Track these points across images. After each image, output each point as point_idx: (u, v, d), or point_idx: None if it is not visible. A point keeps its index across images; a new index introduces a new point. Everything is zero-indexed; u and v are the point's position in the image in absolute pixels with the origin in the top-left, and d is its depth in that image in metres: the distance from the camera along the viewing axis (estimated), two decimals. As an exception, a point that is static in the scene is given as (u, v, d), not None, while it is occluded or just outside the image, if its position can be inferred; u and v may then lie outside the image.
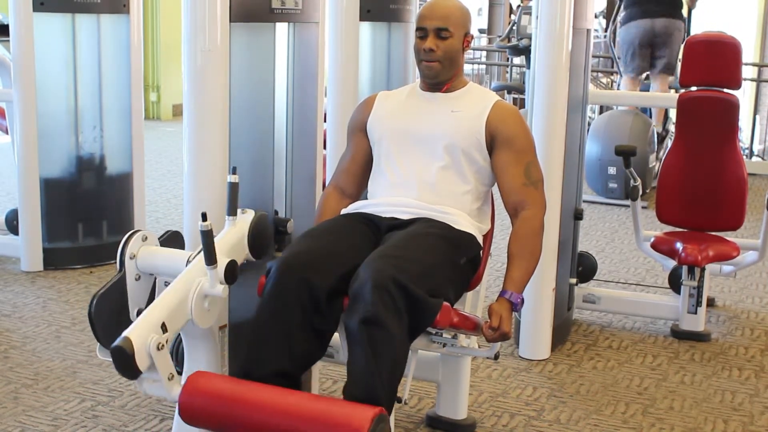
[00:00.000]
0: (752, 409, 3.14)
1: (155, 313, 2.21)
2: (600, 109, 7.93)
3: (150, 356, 2.14)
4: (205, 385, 2.19)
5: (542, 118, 3.38)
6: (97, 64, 4.53)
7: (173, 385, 2.20)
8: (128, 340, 2.12)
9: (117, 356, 2.12)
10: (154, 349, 2.14)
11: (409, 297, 2.19)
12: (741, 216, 3.91)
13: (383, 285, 2.17)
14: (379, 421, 2.00)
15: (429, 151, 2.59)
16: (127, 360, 2.11)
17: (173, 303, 2.25)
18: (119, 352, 2.12)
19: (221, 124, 2.60)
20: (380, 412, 2.02)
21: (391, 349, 2.16)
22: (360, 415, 2.00)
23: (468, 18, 2.63)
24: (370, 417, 1.99)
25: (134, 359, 2.11)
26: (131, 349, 2.12)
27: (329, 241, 2.40)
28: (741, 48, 3.91)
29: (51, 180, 4.50)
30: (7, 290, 4.17)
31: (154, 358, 2.14)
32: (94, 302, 2.32)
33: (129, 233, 2.41)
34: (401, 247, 2.32)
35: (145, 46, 10.23)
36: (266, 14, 2.72)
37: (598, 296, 3.96)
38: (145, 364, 2.14)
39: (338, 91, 3.50)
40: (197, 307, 2.27)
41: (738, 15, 11.93)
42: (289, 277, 2.27)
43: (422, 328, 2.29)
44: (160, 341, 2.15)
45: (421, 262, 2.28)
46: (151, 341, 2.14)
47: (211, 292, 2.30)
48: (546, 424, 2.98)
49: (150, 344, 2.14)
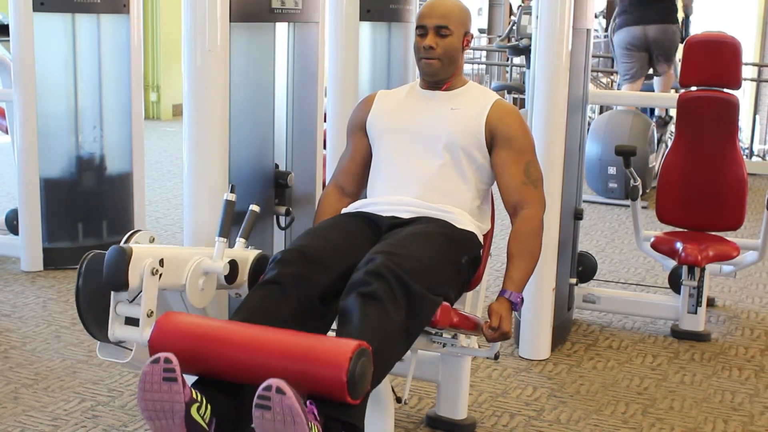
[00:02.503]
0: (752, 409, 3.14)
1: (158, 249, 2.19)
2: (600, 109, 7.93)
3: (141, 277, 2.10)
4: (178, 322, 2.10)
5: (542, 118, 3.38)
6: (97, 64, 4.53)
7: (148, 324, 2.13)
8: (129, 247, 2.08)
9: (112, 257, 2.07)
10: (148, 272, 2.10)
11: (408, 291, 2.17)
12: (741, 216, 3.91)
13: (383, 274, 2.16)
14: (361, 355, 1.92)
15: (428, 150, 2.59)
16: (122, 264, 2.06)
17: (176, 255, 2.23)
18: (117, 253, 2.07)
19: (221, 124, 2.60)
20: (362, 345, 1.93)
21: (386, 326, 2.11)
22: (341, 348, 1.92)
23: (468, 17, 2.64)
24: (351, 349, 1.90)
25: (128, 266, 2.07)
26: (129, 255, 2.07)
27: (329, 239, 2.39)
28: (741, 48, 3.92)
29: (51, 180, 4.50)
30: (7, 290, 4.17)
31: (144, 280, 2.10)
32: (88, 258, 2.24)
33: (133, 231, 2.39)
34: (401, 245, 2.32)
35: (145, 46, 10.23)
36: (266, 14, 2.73)
37: (598, 296, 3.96)
38: (135, 281, 2.09)
39: (338, 91, 3.50)
40: (192, 279, 2.25)
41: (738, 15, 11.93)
42: (288, 272, 2.26)
43: (421, 326, 2.27)
44: (156, 267, 2.11)
45: (421, 260, 2.27)
46: (148, 262, 2.11)
47: (211, 267, 2.29)
48: (546, 424, 2.98)
49: (146, 264, 2.10)
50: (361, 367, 1.92)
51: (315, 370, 1.91)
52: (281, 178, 2.82)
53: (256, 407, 1.85)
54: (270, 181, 2.91)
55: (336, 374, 1.89)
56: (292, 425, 1.83)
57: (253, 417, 1.87)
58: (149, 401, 1.94)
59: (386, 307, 2.13)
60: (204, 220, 2.58)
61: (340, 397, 1.91)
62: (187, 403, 1.94)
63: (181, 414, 1.93)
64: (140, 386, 1.94)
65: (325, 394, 1.93)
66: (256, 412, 1.85)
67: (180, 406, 1.93)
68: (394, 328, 2.15)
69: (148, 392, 1.93)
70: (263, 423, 1.85)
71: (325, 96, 3.26)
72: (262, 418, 1.85)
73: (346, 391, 1.89)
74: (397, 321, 2.15)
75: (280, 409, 1.83)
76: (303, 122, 3.02)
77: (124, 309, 2.19)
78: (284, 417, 1.83)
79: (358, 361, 1.90)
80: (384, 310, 2.12)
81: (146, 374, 1.93)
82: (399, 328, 2.16)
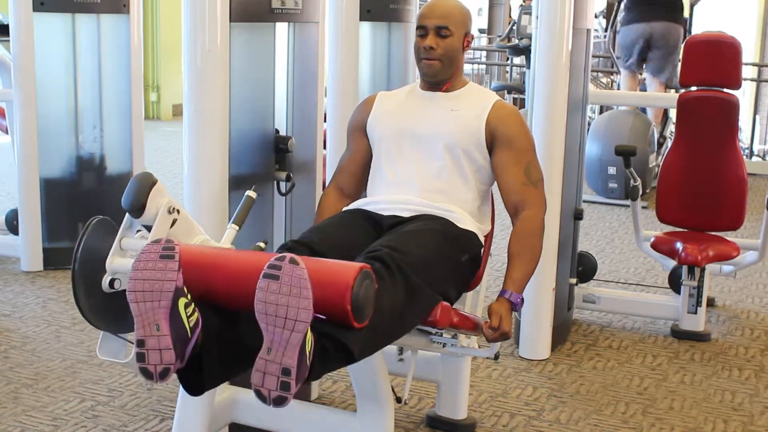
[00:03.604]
0: (752, 409, 3.15)
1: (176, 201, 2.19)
2: (600, 109, 7.93)
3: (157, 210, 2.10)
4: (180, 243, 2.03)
5: (542, 118, 3.38)
6: (97, 64, 4.53)
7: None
8: (154, 177, 2.10)
9: (137, 180, 2.10)
10: (165, 210, 2.11)
11: (407, 280, 2.16)
12: (741, 216, 3.91)
13: (386, 262, 2.14)
14: (365, 277, 1.89)
15: (429, 151, 2.58)
16: (145, 188, 2.08)
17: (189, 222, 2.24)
18: (142, 177, 2.09)
19: (221, 124, 2.60)
20: (366, 267, 1.90)
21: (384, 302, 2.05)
22: (344, 270, 1.88)
23: (468, 18, 2.63)
24: (355, 270, 1.87)
25: (149, 192, 2.09)
26: (153, 182, 2.10)
27: (331, 235, 2.39)
28: (741, 48, 3.92)
29: (51, 180, 4.50)
30: (7, 290, 4.17)
31: (159, 214, 2.10)
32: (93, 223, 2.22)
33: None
34: (403, 241, 2.31)
35: (145, 46, 10.23)
36: (266, 14, 2.73)
37: (598, 296, 3.96)
38: (152, 210, 2.10)
39: (338, 91, 3.50)
40: None
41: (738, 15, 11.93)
42: None
43: (416, 318, 2.24)
44: (174, 206, 2.13)
45: (422, 256, 2.26)
46: (166, 200, 2.13)
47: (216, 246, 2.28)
48: (546, 424, 2.98)
49: (165, 203, 2.12)
50: (366, 289, 1.89)
51: (320, 291, 1.82)
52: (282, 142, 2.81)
53: (263, 277, 1.76)
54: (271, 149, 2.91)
55: (341, 294, 1.85)
56: (298, 298, 1.75)
57: (257, 291, 1.77)
58: (139, 280, 1.85)
59: (385, 282, 2.10)
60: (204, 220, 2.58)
61: (343, 317, 1.87)
62: (177, 289, 1.86)
63: (169, 298, 1.85)
64: (134, 265, 1.86)
65: (330, 316, 1.88)
66: (261, 283, 1.76)
67: (170, 286, 1.84)
68: (390, 305, 2.10)
69: (141, 270, 1.85)
70: (266, 295, 1.76)
71: (325, 96, 3.26)
72: (266, 289, 1.76)
73: (350, 311, 1.86)
74: (393, 301, 2.11)
75: (289, 278, 1.75)
76: (303, 122, 3.02)
77: (129, 243, 2.15)
78: (291, 288, 1.75)
79: (362, 283, 1.88)
80: (383, 285, 2.08)
81: (144, 253, 1.87)
82: (393, 308, 2.12)
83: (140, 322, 1.86)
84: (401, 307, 2.15)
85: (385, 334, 2.14)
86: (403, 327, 2.22)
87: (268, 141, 2.88)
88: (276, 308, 1.76)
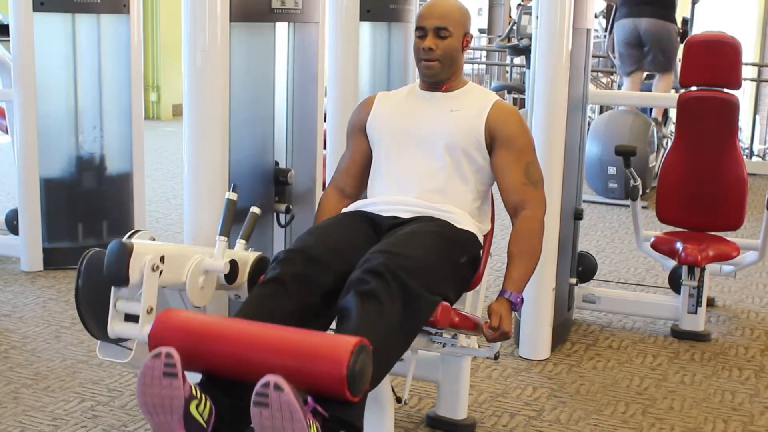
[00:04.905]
0: (752, 409, 3.15)
1: (159, 246, 2.18)
2: (600, 109, 7.92)
3: (142, 272, 2.09)
4: (178, 318, 2.09)
5: (542, 118, 3.38)
6: (97, 64, 4.53)
7: (148, 320, 2.12)
8: (130, 243, 2.07)
9: (113, 252, 2.07)
10: (149, 268, 2.10)
11: (406, 290, 2.17)
12: (741, 216, 3.91)
13: (381, 272, 2.16)
14: (361, 351, 1.90)
15: (429, 151, 2.59)
16: (123, 259, 2.05)
17: (177, 252, 2.23)
18: (118, 247, 2.06)
19: (221, 124, 2.60)
20: (362, 341, 1.92)
21: (384, 324, 2.12)
22: (341, 344, 1.90)
23: (467, 18, 2.64)
24: (351, 345, 1.89)
25: (129, 261, 2.06)
26: (130, 251, 2.06)
27: (330, 239, 2.39)
28: (741, 48, 3.91)
29: (51, 180, 4.50)
30: (7, 290, 4.17)
31: (144, 276, 2.10)
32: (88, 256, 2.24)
33: (133, 231, 2.39)
34: (401, 244, 2.32)
35: (145, 46, 10.22)
36: (266, 14, 2.73)
37: (598, 296, 3.96)
38: (135, 277, 2.09)
39: (338, 91, 3.50)
40: (192, 278, 2.25)
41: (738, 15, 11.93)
42: (290, 271, 2.26)
43: (418, 325, 2.27)
44: (156, 263, 2.11)
45: (420, 259, 2.27)
46: (149, 258, 2.10)
47: (212, 266, 2.28)
48: (546, 424, 2.98)
49: (147, 261, 2.10)
50: (361, 364, 1.91)
51: (315, 366, 1.90)
52: (281, 175, 2.82)
53: (254, 405, 1.84)
54: (270, 179, 2.91)
55: (336, 370, 1.87)
56: (290, 422, 1.82)
57: (252, 415, 1.86)
58: (148, 396, 1.93)
59: (383, 304, 2.13)
60: (204, 220, 2.59)
61: (340, 393, 1.90)
62: (186, 399, 1.93)
63: (180, 410, 1.93)
64: (140, 381, 1.93)
65: (325, 392, 1.92)
66: (254, 410, 1.85)
67: (179, 402, 1.92)
68: (392, 326, 2.15)
69: (148, 387, 1.92)
70: (261, 421, 1.84)
71: (325, 96, 3.26)
72: (260, 415, 1.84)
73: (346, 387, 1.88)
74: (394, 318, 2.15)
75: (278, 405, 1.82)
76: (303, 122, 3.02)
77: (123, 305, 2.18)
78: (282, 414, 1.82)
79: (358, 357, 1.89)
80: (381, 308, 2.12)
81: (147, 369, 1.92)
82: (396, 325, 2.16)
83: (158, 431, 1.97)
84: (401, 324, 2.18)
85: (392, 353, 2.19)
86: (407, 340, 2.26)
87: (267, 173, 2.88)
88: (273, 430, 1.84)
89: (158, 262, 2.12)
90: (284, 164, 3.03)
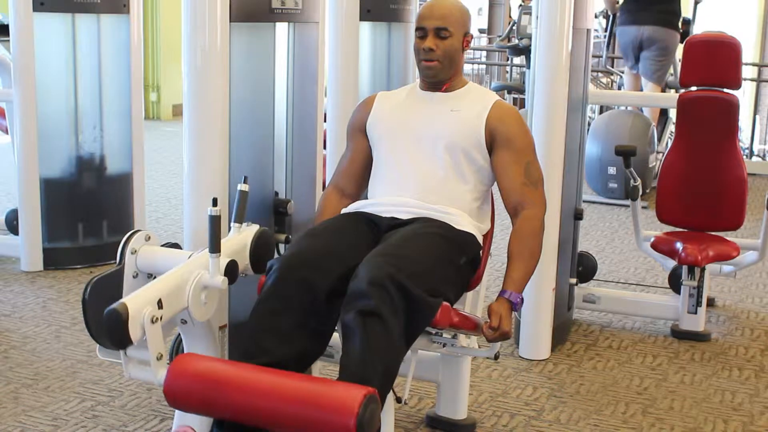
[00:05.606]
0: (752, 409, 3.14)
1: (153, 288, 2.18)
2: (600, 109, 7.92)
3: (143, 328, 2.10)
4: (192, 366, 2.13)
5: (542, 118, 3.38)
6: (97, 64, 4.53)
7: (160, 366, 2.15)
8: (124, 306, 2.07)
9: (110, 320, 2.07)
10: (148, 322, 2.10)
11: (408, 296, 2.18)
12: (741, 216, 3.91)
13: (381, 283, 2.17)
14: (370, 402, 1.95)
15: (429, 151, 2.59)
16: (120, 325, 2.06)
17: (172, 284, 2.23)
18: (113, 315, 2.07)
19: (221, 124, 2.60)
20: (371, 392, 1.97)
21: (388, 343, 2.15)
22: (350, 395, 1.95)
23: (467, 18, 2.64)
24: (360, 397, 1.94)
25: (127, 326, 2.07)
26: (126, 315, 2.07)
27: (330, 241, 2.39)
28: (741, 48, 3.91)
29: (51, 180, 4.50)
30: (7, 290, 4.17)
31: (146, 330, 2.10)
32: (90, 286, 2.27)
33: (132, 231, 2.41)
34: (400, 246, 2.32)
35: (145, 46, 10.23)
36: (266, 14, 2.72)
37: (598, 296, 3.95)
38: (137, 335, 2.10)
39: (338, 91, 3.50)
40: (194, 298, 2.25)
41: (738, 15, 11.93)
42: (290, 276, 2.27)
43: (421, 328, 2.29)
44: (155, 314, 2.11)
45: (420, 262, 2.28)
46: (146, 312, 2.10)
47: (210, 282, 2.28)
48: (546, 424, 2.98)
49: (145, 315, 2.10)
50: (370, 414, 1.95)
51: (325, 416, 1.95)
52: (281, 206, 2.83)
53: None
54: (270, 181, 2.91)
55: (345, 421, 1.92)
56: None
57: None
58: None
59: (386, 321, 2.15)
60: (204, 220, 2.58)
61: None
62: None
63: None
64: None
65: None
66: None
67: None
68: (396, 339, 2.17)
69: None
70: None
71: (325, 96, 3.26)
72: None
73: None
74: (398, 331, 2.17)
75: None
76: (303, 122, 3.02)
77: (133, 353, 2.20)
78: None
79: (367, 408, 1.93)
80: (387, 329, 2.14)
81: None
82: (399, 336, 2.19)
83: None
84: (404, 333, 2.21)
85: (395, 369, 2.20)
86: (408, 344, 2.27)
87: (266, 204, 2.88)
88: None
89: (156, 312, 2.13)
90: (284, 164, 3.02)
